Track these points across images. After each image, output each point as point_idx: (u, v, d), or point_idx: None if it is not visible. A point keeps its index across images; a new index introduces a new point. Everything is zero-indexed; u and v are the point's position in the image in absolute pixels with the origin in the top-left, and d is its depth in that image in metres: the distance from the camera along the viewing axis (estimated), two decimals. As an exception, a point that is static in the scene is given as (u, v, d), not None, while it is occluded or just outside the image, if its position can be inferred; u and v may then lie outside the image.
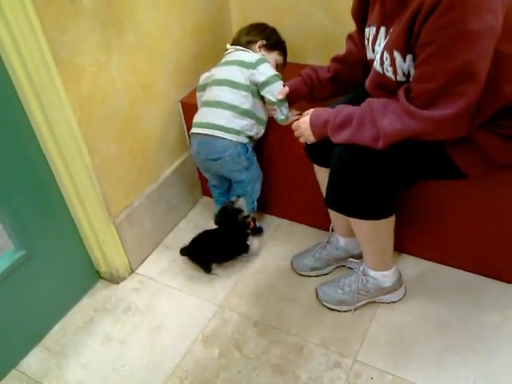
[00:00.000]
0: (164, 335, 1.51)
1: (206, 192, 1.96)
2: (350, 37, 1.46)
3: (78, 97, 1.34)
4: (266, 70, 1.55)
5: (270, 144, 1.67)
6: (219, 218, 1.66)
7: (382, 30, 1.16)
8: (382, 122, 1.11)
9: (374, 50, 1.21)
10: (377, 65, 1.18)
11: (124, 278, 1.69)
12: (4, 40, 1.18)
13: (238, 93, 1.55)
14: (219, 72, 1.61)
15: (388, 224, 1.35)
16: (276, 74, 1.55)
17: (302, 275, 1.63)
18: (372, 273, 1.46)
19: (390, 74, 1.15)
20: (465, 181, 1.22)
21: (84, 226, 1.56)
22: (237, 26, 1.86)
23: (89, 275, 1.69)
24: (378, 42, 1.18)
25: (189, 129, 1.77)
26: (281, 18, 1.81)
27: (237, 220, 1.62)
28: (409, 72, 1.11)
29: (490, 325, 1.42)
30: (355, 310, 1.49)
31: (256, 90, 1.56)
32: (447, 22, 0.95)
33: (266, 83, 1.53)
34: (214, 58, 1.73)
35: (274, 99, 1.52)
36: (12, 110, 1.29)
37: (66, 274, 1.59)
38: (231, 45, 1.67)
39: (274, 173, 1.74)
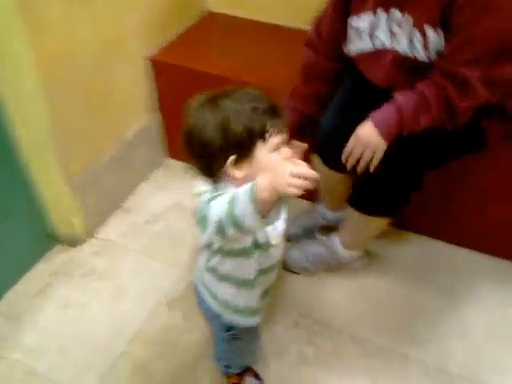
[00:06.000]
0: (126, 300, 1.48)
1: (174, 154, 1.91)
2: (308, 45, 1.32)
3: (42, 51, 1.26)
4: None
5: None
6: None
7: (394, 11, 1.13)
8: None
9: (372, 37, 1.18)
10: (403, 47, 1.14)
11: (83, 242, 1.64)
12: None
13: None
14: None
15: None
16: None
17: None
18: (342, 251, 1.45)
19: (418, 53, 1.13)
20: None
21: (40, 187, 1.50)
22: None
23: (44, 239, 1.62)
24: (386, 28, 1.15)
25: (158, 88, 1.69)
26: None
27: None
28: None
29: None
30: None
31: None
32: None
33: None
34: (187, 11, 1.68)
35: None
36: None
37: (19, 238, 1.52)
38: None
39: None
